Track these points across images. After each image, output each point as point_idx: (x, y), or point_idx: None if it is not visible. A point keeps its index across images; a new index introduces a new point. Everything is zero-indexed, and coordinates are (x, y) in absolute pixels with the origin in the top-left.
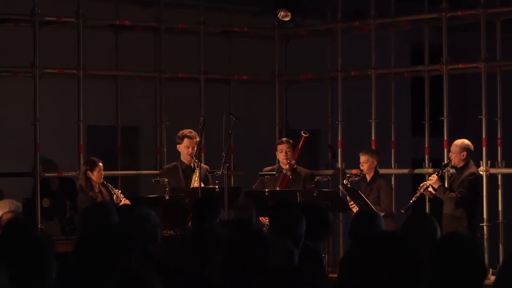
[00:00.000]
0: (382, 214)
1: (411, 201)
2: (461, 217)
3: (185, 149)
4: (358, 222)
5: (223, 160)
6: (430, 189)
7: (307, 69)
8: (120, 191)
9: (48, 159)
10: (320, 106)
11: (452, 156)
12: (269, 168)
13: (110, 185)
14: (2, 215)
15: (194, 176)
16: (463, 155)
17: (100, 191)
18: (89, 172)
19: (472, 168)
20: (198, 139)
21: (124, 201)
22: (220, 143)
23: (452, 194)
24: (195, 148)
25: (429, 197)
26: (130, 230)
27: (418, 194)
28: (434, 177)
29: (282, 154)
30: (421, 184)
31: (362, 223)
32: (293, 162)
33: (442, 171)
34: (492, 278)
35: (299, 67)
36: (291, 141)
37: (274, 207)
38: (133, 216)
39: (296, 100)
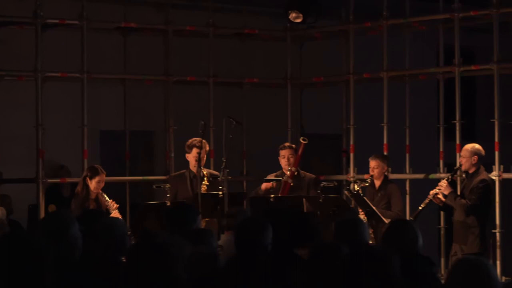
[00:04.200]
0: None
1: (420, 208)
2: (472, 225)
3: (193, 159)
4: (341, 231)
5: (223, 166)
6: (440, 196)
7: (324, 72)
8: (113, 201)
9: (62, 165)
10: (342, 109)
11: (463, 161)
12: (273, 175)
13: (105, 195)
14: None
15: (202, 186)
16: (473, 160)
17: (97, 199)
18: (88, 179)
19: (483, 175)
20: (208, 149)
21: (114, 213)
22: (234, 147)
23: (463, 201)
24: (204, 158)
25: (439, 205)
26: (49, 244)
27: (427, 201)
28: (444, 183)
29: (284, 160)
30: (431, 192)
31: (345, 231)
32: (293, 169)
33: (452, 176)
34: None
35: (317, 69)
36: (294, 146)
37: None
38: (100, 224)
39: (317, 103)
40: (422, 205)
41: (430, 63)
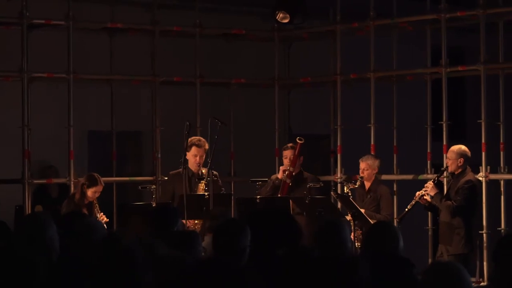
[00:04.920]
0: None
1: (406, 210)
2: (458, 226)
3: (192, 158)
4: (323, 232)
5: (209, 166)
6: (426, 197)
7: (312, 73)
8: (104, 216)
9: (51, 165)
10: (330, 110)
11: (449, 162)
12: (274, 176)
13: (98, 206)
14: None
15: (200, 185)
16: (460, 162)
17: (90, 206)
18: (85, 187)
19: (469, 175)
20: (207, 147)
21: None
22: (222, 148)
23: (449, 202)
24: (203, 157)
25: (425, 205)
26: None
27: (413, 203)
28: (430, 185)
29: (286, 160)
30: (417, 193)
31: (325, 233)
32: (291, 169)
33: (438, 178)
34: None
35: (304, 70)
36: (296, 146)
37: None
38: (79, 225)
39: (305, 104)
40: (408, 207)
41: (419, 64)
